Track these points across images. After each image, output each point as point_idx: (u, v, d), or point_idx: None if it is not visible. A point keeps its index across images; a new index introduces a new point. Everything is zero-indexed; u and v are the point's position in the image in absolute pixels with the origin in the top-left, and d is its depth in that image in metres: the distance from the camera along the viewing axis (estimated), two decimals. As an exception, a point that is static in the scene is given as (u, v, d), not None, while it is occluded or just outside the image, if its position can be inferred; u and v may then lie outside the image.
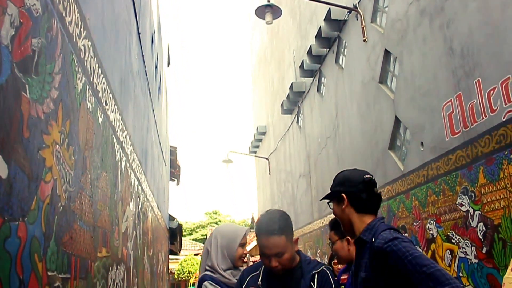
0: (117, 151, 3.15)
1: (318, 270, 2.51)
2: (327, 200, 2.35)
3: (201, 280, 2.97)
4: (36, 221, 1.46)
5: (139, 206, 4.52)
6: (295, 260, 2.58)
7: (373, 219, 2.19)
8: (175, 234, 11.50)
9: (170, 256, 14.47)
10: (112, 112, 2.96)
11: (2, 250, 1.22)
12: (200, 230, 45.05)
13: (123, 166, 3.38)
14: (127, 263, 3.60)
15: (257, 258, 3.43)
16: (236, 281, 3.01)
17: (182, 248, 24.74)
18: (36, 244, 1.47)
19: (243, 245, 3.07)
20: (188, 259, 29.28)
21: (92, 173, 2.33)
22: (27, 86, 1.40)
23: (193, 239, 40.09)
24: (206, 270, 3.02)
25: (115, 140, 3.05)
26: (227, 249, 2.99)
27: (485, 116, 4.28)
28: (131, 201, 3.83)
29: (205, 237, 40.18)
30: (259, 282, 2.57)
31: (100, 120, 2.57)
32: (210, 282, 2.93)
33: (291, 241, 2.51)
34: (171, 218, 11.33)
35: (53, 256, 1.65)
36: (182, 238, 20.73)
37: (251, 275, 2.65)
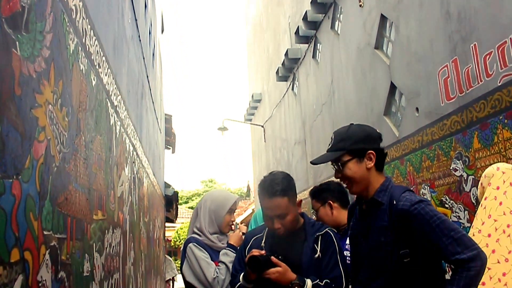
0: (111, 115, 3.13)
1: (322, 232, 2.51)
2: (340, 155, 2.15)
3: (187, 242, 3.01)
4: (31, 179, 1.46)
5: (135, 172, 4.53)
6: (299, 222, 2.58)
7: (385, 179, 2.15)
8: (171, 201, 11.56)
9: (167, 224, 14.59)
10: (106, 75, 2.93)
11: (-3, 207, 1.22)
12: (196, 199, 45.32)
13: (117, 131, 3.37)
14: (123, 227, 3.62)
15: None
16: (222, 245, 3.04)
17: (178, 216, 24.90)
18: (31, 202, 1.47)
19: (231, 212, 3.10)
20: (184, 227, 29.52)
21: (87, 135, 2.32)
22: (17, 43, 1.37)
23: (189, 207, 40.36)
24: (194, 232, 3.07)
25: (109, 104, 3.03)
26: (215, 214, 3.03)
27: (481, 81, 4.27)
28: (126, 166, 3.83)
29: (201, 205, 40.37)
30: (262, 244, 2.56)
31: (94, 83, 2.54)
32: (195, 244, 2.97)
33: (294, 202, 2.50)
34: (167, 186, 11.37)
35: (48, 216, 1.65)
36: (178, 206, 20.86)
37: (254, 238, 2.65)
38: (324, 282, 2.38)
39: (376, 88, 6.72)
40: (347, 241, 2.68)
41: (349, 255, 2.61)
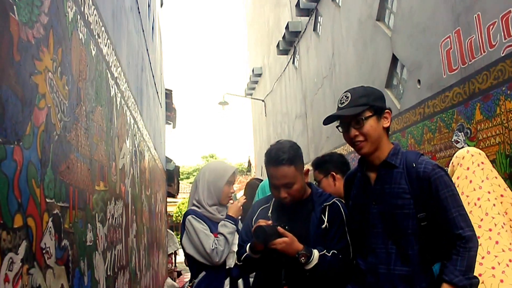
0: (112, 87, 3.11)
1: (330, 202, 2.47)
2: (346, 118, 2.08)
3: (186, 215, 3.04)
4: (32, 146, 1.45)
5: (136, 145, 4.53)
6: (306, 192, 2.57)
7: (392, 143, 2.13)
8: (172, 176, 11.60)
9: (168, 199, 14.65)
10: (105, 46, 2.90)
11: (-1, 172, 1.22)
12: (197, 174, 45.48)
13: (118, 103, 3.36)
14: (125, 199, 3.63)
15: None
16: (221, 216, 3.05)
17: (180, 191, 24.99)
18: (33, 169, 1.46)
19: (230, 183, 3.10)
20: (186, 202, 29.67)
21: (87, 105, 2.30)
22: (14, 7, 1.35)
23: (190, 183, 40.49)
24: (193, 205, 3.09)
25: (109, 75, 3.01)
26: (214, 185, 3.04)
27: (484, 52, 4.23)
28: (127, 139, 3.82)
29: (202, 180, 40.51)
30: (269, 214, 2.54)
31: (93, 52, 2.52)
32: (194, 216, 2.99)
33: (301, 172, 2.48)
34: (168, 160, 11.38)
35: (50, 184, 1.65)
36: (180, 181, 20.92)
37: (261, 208, 2.63)
38: (331, 252, 2.34)
39: (378, 60, 6.67)
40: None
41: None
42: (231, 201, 3.22)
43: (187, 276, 14.66)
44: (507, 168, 3.87)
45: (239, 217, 3.20)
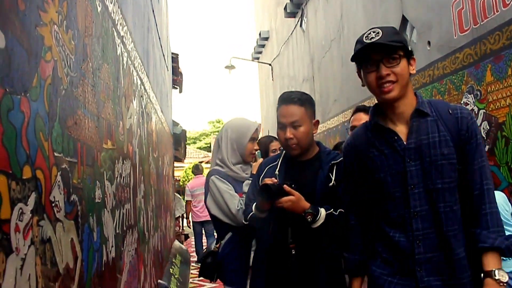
0: (118, 46, 3.08)
1: (337, 161, 2.44)
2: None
3: (209, 175, 3.00)
4: (39, 99, 1.44)
5: (143, 106, 4.52)
6: (313, 150, 2.55)
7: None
8: (179, 140, 11.62)
9: (175, 164, 14.72)
10: (111, 3, 2.85)
11: (7, 122, 1.21)
12: (204, 139, 45.62)
13: (124, 62, 3.32)
14: (133, 159, 3.64)
15: None
16: (245, 175, 3.02)
17: (187, 156, 25.11)
18: (40, 122, 1.46)
19: (253, 139, 3.04)
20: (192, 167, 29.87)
21: (94, 62, 2.28)
22: (18, -46, 1.32)
23: (197, 148, 40.69)
24: (217, 164, 3.04)
25: (115, 34, 2.97)
26: (237, 143, 2.98)
27: (497, 12, 4.13)
28: (134, 99, 3.81)
29: (209, 145, 40.76)
30: (276, 172, 2.53)
31: (99, 9, 2.48)
32: (217, 176, 2.94)
33: (311, 117, 2.46)
34: (175, 124, 11.39)
35: (58, 138, 1.64)
36: (187, 146, 20.97)
37: (269, 166, 2.62)
38: (338, 211, 2.32)
39: (387, 22, 6.55)
40: None
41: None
42: (255, 159, 3.19)
43: (193, 239, 14.87)
44: (517, 130, 3.84)
45: None
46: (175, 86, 13.91)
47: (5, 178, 1.19)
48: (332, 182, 2.40)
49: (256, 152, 3.17)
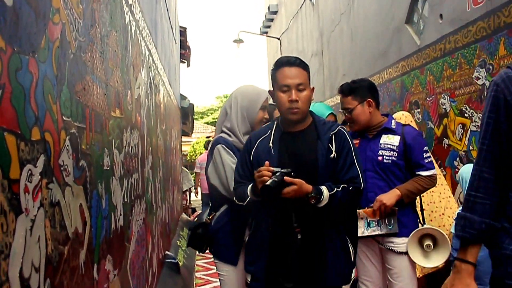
0: (126, 14, 3.04)
1: (335, 130, 2.38)
2: None
3: (215, 143, 2.83)
4: (47, 61, 1.43)
5: (151, 77, 4.50)
6: (308, 119, 2.46)
7: None
8: (187, 113, 11.61)
9: (183, 138, 14.74)
10: (119, -30, 2.82)
11: (15, 82, 1.20)
12: (211, 114, 45.51)
13: (133, 31, 3.29)
14: (141, 130, 3.64)
15: None
16: None
17: (194, 131, 25.15)
18: (49, 84, 1.45)
19: (264, 108, 2.93)
20: (200, 142, 29.88)
21: (102, 28, 2.25)
22: None
23: (205, 123, 40.68)
24: (223, 132, 2.89)
25: (123, 1, 2.94)
26: (248, 111, 2.85)
27: (512, -17, 4.04)
28: (142, 70, 3.79)
29: (216, 121, 40.67)
30: (270, 144, 2.41)
31: (107, -25, 2.45)
32: (224, 146, 2.77)
33: (309, 82, 2.41)
34: (183, 98, 11.36)
35: (67, 102, 1.64)
36: (194, 121, 20.95)
37: (260, 139, 2.48)
38: (341, 187, 2.29)
39: (399, -6, 6.44)
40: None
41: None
42: None
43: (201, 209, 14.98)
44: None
45: None
46: (183, 60, 13.84)
47: (14, 138, 1.19)
48: (333, 154, 2.33)
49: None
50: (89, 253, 1.92)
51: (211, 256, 3.01)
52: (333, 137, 2.37)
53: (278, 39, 15.33)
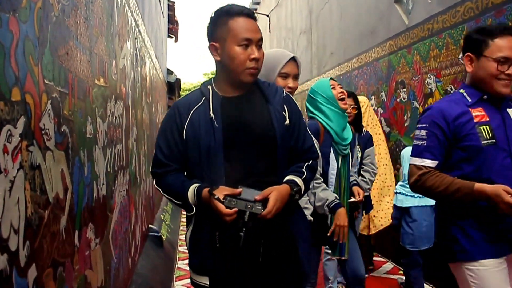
0: (112, -19, 3.00)
1: (284, 94, 2.06)
2: None
3: None
4: (28, 21, 1.40)
5: (137, 49, 4.44)
6: None
7: None
8: (173, 88, 11.54)
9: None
10: None
11: (-6, 39, 1.18)
12: (198, 91, 45.20)
13: (119, 0, 3.25)
14: (126, 101, 3.61)
15: None
16: None
17: (180, 106, 24.91)
18: (30, 45, 1.42)
19: (285, 76, 2.47)
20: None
21: (86, -7, 2.22)
22: None
23: (191, 99, 40.35)
24: None
25: (109, -32, 2.89)
26: (265, 78, 2.27)
27: (501, -37, 4.04)
28: (128, 40, 3.74)
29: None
30: (211, 114, 1.89)
31: None
32: None
33: None
34: (169, 72, 11.27)
35: (49, 65, 1.61)
36: (181, 97, 20.75)
37: (194, 109, 1.93)
38: (305, 166, 2.00)
39: (389, -27, 6.41)
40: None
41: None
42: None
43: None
44: (512, 86, 3.81)
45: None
46: (171, 35, 13.69)
47: (-7, 97, 1.17)
48: (287, 121, 1.98)
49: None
50: (71, 220, 1.92)
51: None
52: (284, 101, 2.03)
53: (267, 16, 15.21)
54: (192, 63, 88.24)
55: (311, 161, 2.05)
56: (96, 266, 2.43)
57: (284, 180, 1.92)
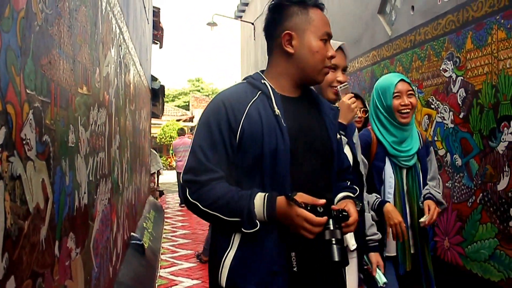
0: (97, -11, 2.99)
1: (333, 106, 1.90)
2: None
3: None
4: (11, 31, 1.39)
5: (121, 56, 4.43)
6: None
7: None
8: (157, 95, 11.49)
9: (152, 121, 14.62)
10: None
11: (-24, 50, 1.17)
12: (182, 97, 45.23)
13: (103, 7, 3.24)
14: (109, 109, 3.59)
15: None
16: None
17: (165, 113, 24.91)
18: (12, 55, 1.41)
19: (333, 68, 2.23)
20: (170, 124, 29.69)
21: (71, 2, 2.20)
22: None
23: (175, 106, 40.38)
24: None
25: (94, -24, 2.88)
26: None
27: (482, -22, 4.12)
28: (112, 48, 3.73)
29: (187, 104, 40.42)
30: (276, 111, 1.59)
31: None
32: None
33: None
34: (154, 79, 11.24)
35: (31, 75, 1.60)
36: (165, 104, 20.71)
37: (250, 104, 1.61)
38: (349, 184, 1.83)
39: (373, -16, 6.49)
40: None
41: None
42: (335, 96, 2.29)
43: (168, 196, 14.94)
44: (492, 98, 3.88)
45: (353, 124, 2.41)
46: (156, 41, 13.67)
47: (-27, 107, 1.16)
48: (338, 135, 1.80)
49: (339, 88, 2.25)
50: (51, 230, 1.90)
51: (177, 239, 2.95)
52: (335, 113, 1.84)
53: (252, 24, 15.26)
54: (177, 69, 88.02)
55: (348, 182, 1.84)
56: (77, 276, 2.41)
57: (341, 196, 1.72)
